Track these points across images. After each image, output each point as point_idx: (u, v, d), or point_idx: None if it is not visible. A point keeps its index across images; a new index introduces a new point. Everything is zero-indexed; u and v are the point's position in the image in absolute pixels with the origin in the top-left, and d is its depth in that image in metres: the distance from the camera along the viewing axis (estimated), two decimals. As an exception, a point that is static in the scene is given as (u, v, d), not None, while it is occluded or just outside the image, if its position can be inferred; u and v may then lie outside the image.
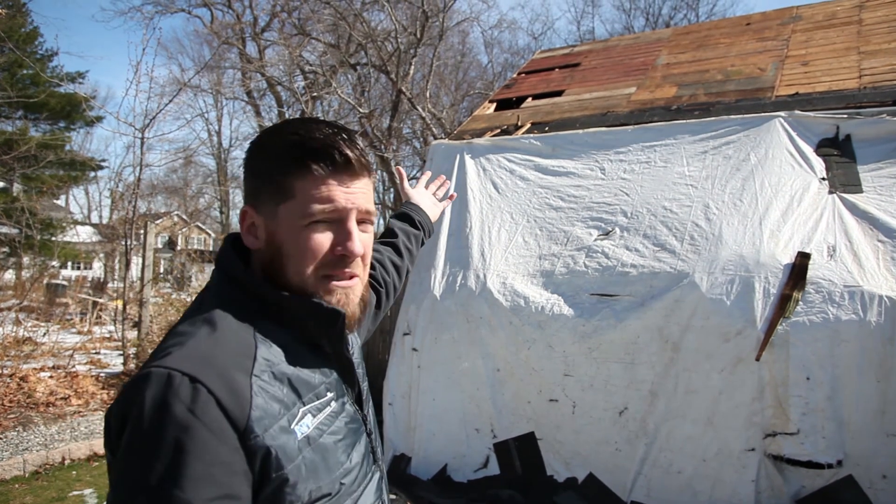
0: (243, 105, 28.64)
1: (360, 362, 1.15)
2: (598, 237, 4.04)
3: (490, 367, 4.01)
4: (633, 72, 6.01)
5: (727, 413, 3.31)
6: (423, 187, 1.88)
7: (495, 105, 6.44)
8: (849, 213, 3.50)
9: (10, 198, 15.49)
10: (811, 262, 3.29)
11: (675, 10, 26.56)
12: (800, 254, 3.34)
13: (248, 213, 1.00)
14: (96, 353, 9.21)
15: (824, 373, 3.11)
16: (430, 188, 1.91)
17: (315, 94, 18.12)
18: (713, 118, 4.41)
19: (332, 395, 0.99)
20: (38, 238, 15.06)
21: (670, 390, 3.46)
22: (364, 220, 1.01)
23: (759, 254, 3.44)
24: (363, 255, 1.00)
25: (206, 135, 34.33)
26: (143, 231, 8.60)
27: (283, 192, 0.96)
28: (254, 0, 23.18)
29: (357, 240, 0.96)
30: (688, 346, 3.43)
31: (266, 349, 0.92)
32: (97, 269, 24.74)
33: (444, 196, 1.97)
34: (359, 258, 0.99)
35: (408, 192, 1.82)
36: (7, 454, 4.84)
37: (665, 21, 25.80)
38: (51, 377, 6.80)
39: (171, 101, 10.49)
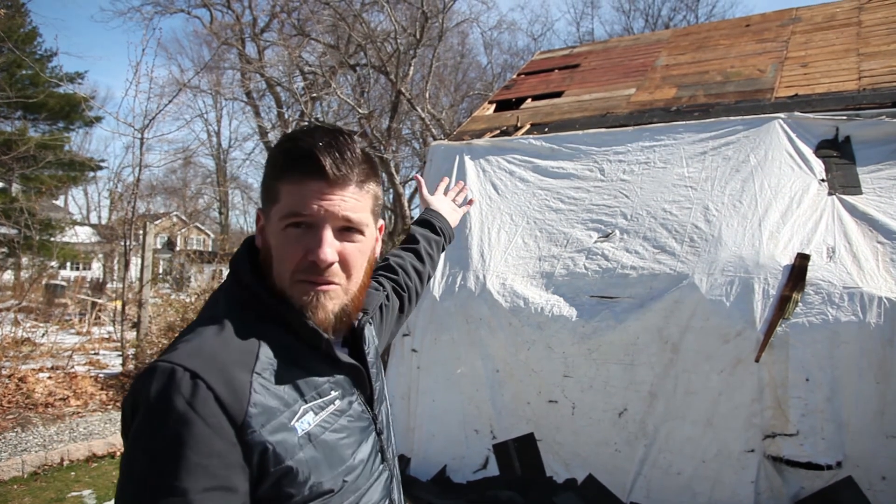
0: (243, 106, 28.62)
1: (374, 362, 1.16)
2: (597, 239, 4.04)
3: (489, 368, 4.01)
4: (633, 73, 6.02)
5: (727, 414, 3.31)
6: (442, 194, 1.90)
7: (495, 106, 6.44)
8: (848, 215, 3.51)
9: (9, 198, 15.48)
10: (810, 263, 3.29)
11: (675, 11, 26.61)
12: (799, 255, 3.35)
13: (258, 216, 1.06)
14: (95, 354, 9.20)
15: (824, 374, 3.11)
16: (448, 195, 1.92)
17: (314, 94, 18.13)
18: (713, 119, 4.41)
19: (336, 393, 1.01)
20: (37, 238, 15.05)
21: (670, 391, 3.46)
22: (349, 229, 1.00)
23: (759, 255, 3.44)
24: (343, 263, 0.99)
25: (206, 135, 34.38)
26: (142, 232, 8.60)
27: (273, 196, 1.00)
28: (253, 1, 23.19)
29: (327, 247, 0.96)
30: (687, 348, 3.43)
31: (269, 348, 0.95)
32: (96, 270, 24.73)
33: (464, 202, 1.98)
34: (335, 266, 0.98)
35: (427, 198, 1.84)
36: (6, 455, 4.83)
37: (664, 22, 25.84)
38: (49, 378, 6.80)
39: (170, 101, 10.47)
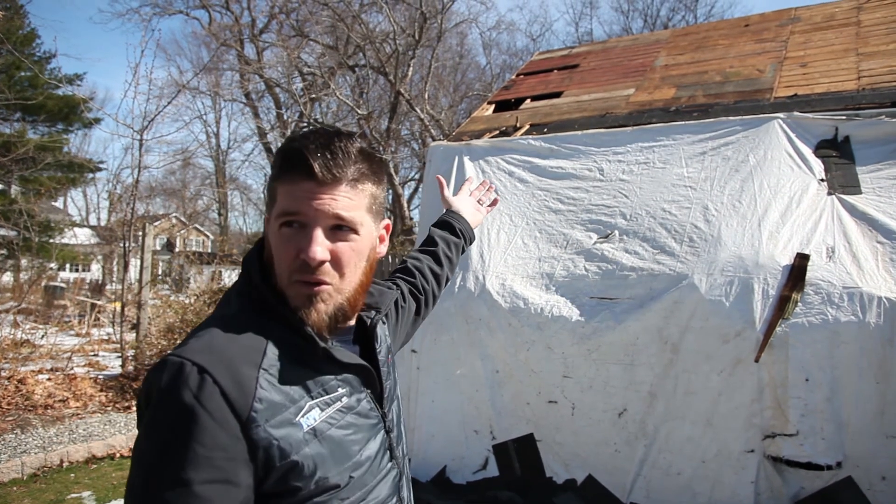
0: (242, 107, 28.67)
1: (385, 361, 1.17)
2: (597, 240, 4.04)
3: (489, 368, 4.01)
4: (632, 73, 6.02)
5: (726, 414, 3.31)
6: (466, 194, 1.89)
7: (494, 106, 6.44)
8: (848, 215, 3.50)
9: (9, 200, 15.48)
10: (810, 263, 3.29)
11: (674, 11, 26.64)
12: (799, 255, 3.35)
13: (266, 217, 1.08)
14: (94, 356, 9.20)
15: (823, 374, 3.11)
16: (473, 194, 1.91)
17: (313, 95, 18.13)
18: (712, 119, 4.41)
19: (344, 390, 1.03)
20: (37, 240, 15.03)
21: (669, 391, 3.46)
22: (341, 227, 1.00)
23: (758, 255, 3.44)
24: (336, 262, 1.00)
25: (205, 137, 34.39)
26: (141, 233, 8.59)
27: (272, 197, 1.03)
28: (252, 2, 23.21)
29: (316, 246, 0.96)
30: (687, 348, 3.43)
31: (277, 345, 0.97)
32: (95, 272, 24.71)
33: (488, 202, 1.96)
34: (327, 265, 0.99)
35: (449, 199, 1.83)
36: (5, 457, 4.82)
37: (663, 22, 25.86)
38: (49, 379, 6.79)
39: (169, 102, 10.47)
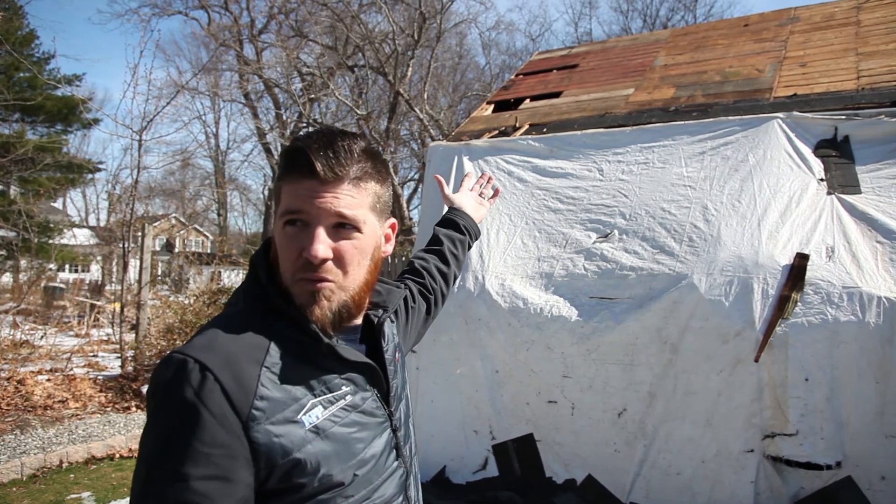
0: (241, 107, 28.68)
1: (392, 360, 1.17)
2: (596, 240, 4.04)
3: (489, 368, 4.01)
4: (631, 73, 6.02)
5: (726, 414, 3.31)
6: (467, 190, 1.89)
7: (493, 106, 6.44)
8: (847, 214, 3.50)
9: (8, 201, 15.45)
10: (810, 263, 3.29)
11: (673, 11, 26.65)
12: (798, 255, 3.34)
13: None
14: (94, 356, 9.19)
15: (823, 374, 3.11)
16: (474, 189, 1.92)
17: (312, 96, 18.13)
18: (711, 119, 4.41)
19: (348, 388, 1.03)
20: (36, 241, 15.02)
21: (669, 391, 3.46)
22: (343, 226, 1.01)
23: (758, 255, 3.44)
24: (339, 260, 1.00)
25: (204, 137, 34.36)
26: (140, 233, 8.58)
27: (277, 197, 1.04)
28: (251, 2, 23.21)
29: (318, 244, 0.97)
30: (687, 348, 3.43)
31: (281, 343, 0.98)
32: (95, 272, 24.70)
33: (490, 195, 1.97)
34: (330, 263, 0.99)
35: (450, 197, 1.84)
36: (4, 458, 4.82)
37: (663, 22, 25.87)
38: (48, 380, 6.78)
39: (168, 103, 10.47)
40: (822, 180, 3.74)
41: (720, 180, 3.97)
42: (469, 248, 1.78)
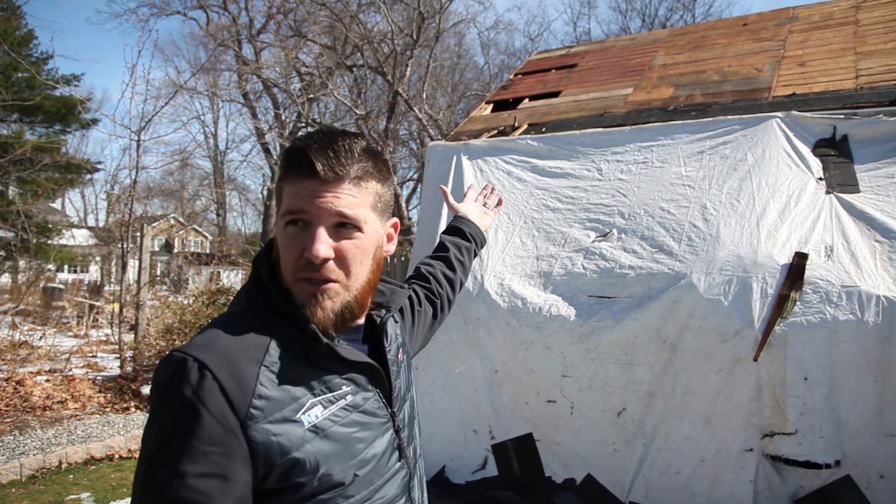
0: (239, 107, 28.65)
1: (395, 360, 1.17)
2: (595, 239, 4.04)
3: (488, 368, 4.01)
4: (630, 73, 6.02)
5: (725, 413, 3.31)
6: (472, 200, 1.94)
7: (492, 106, 6.44)
8: (846, 213, 3.51)
9: (6, 201, 15.44)
10: (808, 262, 3.30)
11: (672, 11, 26.67)
12: (797, 254, 3.35)
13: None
14: (93, 357, 9.18)
15: (822, 373, 3.11)
16: (478, 199, 1.97)
17: (311, 95, 18.12)
18: (710, 118, 4.41)
19: (349, 388, 1.03)
20: (34, 241, 14.98)
21: (668, 391, 3.46)
22: (345, 225, 1.01)
23: (757, 254, 3.45)
24: (341, 260, 1.01)
25: (203, 137, 34.31)
26: (139, 234, 8.57)
27: (279, 197, 1.05)
28: (249, 2, 23.20)
29: (320, 244, 0.97)
30: (686, 347, 3.43)
31: (281, 343, 0.98)
32: (93, 273, 24.66)
33: (494, 204, 2.01)
34: (332, 263, 1.00)
35: (455, 206, 1.88)
36: (3, 458, 4.81)
37: (661, 22, 25.88)
38: (47, 381, 6.77)
39: (166, 103, 10.45)
40: (820, 179, 3.75)
41: (719, 179, 3.97)
42: (475, 255, 1.80)
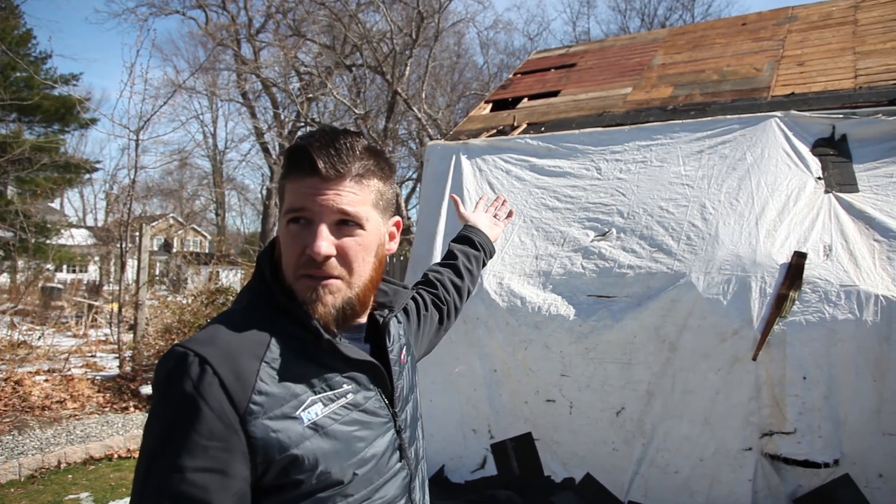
0: (238, 107, 28.60)
1: (397, 360, 1.18)
2: (594, 238, 4.04)
3: (487, 367, 4.01)
4: (629, 72, 6.02)
5: (724, 413, 3.32)
6: (482, 210, 1.97)
7: (491, 106, 6.44)
8: (845, 213, 3.51)
9: (5, 201, 15.43)
10: (807, 261, 3.30)
11: (671, 10, 26.67)
12: (796, 253, 3.35)
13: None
14: (92, 357, 9.16)
15: (821, 372, 3.11)
16: (489, 210, 1.99)
17: (310, 95, 18.11)
18: (709, 118, 4.42)
19: (350, 387, 1.04)
20: (33, 241, 14.96)
21: (667, 390, 3.46)
22: (346, 223, 1.01)
23: (756, 253, 3.45)
24: (343, 257, 1.01)
25: (202, 137, 34.25)
26: (138, 233, 8.56)
27: (282, 196, 1.05)
28: (248, 1, 23.18)
29: (322, 241, 0.98)
30: (685, 346, 3.43)
31: (282, 339, 0.98)
32: (92, 272, 24.64)
33: (504, 215, 2.03)
34: (334, 260, 1.00)
35: (465, 215, 1.91)
36: (2, 458, 4.81)
37: (660, 22, 25.89)
38: (46, 381, 6.77)
39: (165, 102, 10.45)
40: (819, 179, 3.75)
41: (718, 179, 3.97)
42: (484, 264, 1.81)
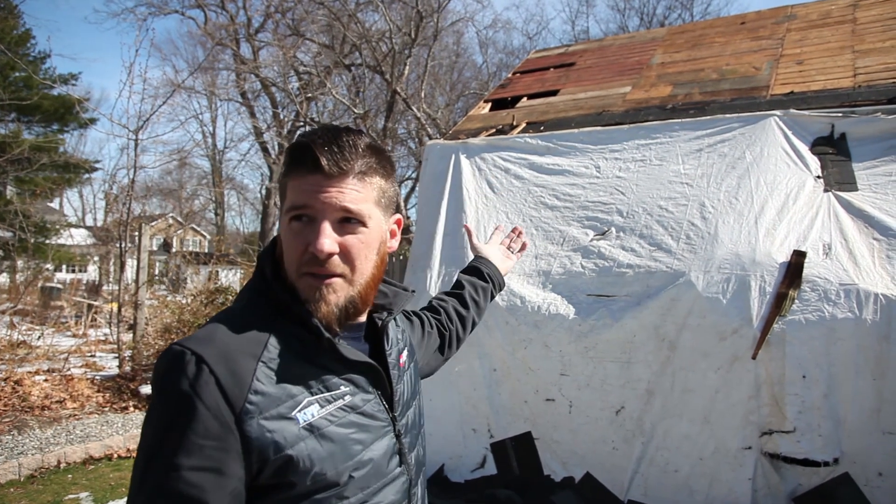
0: (238, 106, 28.61)
1: (396, 363, 1.17)
2: (594, 237, 4.04)
3: (487, 367, 4.01)
4: (628, 71, 6.02)
5: (724, 411, 3.32)
6: (497, 242, 1.94)
7: (490, 105, 6.44)
8: (844, 212, 3.51)
9: (4, 201, 15.42)
10: (807, 260, 3.30)
11: (670, 9, 26.66)
12: (795, 252, 3.35)
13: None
14: (91, 356, 9.16)
15: (820, 371, 3.11)
16: (504, 242, 1.96)
17: (310, 94, 18.10)
18: (708, 117, 4.42)
19: (347, 389, 1.03)
20: (32, 241, 14.96)
21: (667, 389, 3.46)
22: (349, 220, 1.01)
23: (755, 252, 3.45)
24: (345, 255, 1.01)
25: (201, 136, 34.23)
26: (137, 233, 8.56)
27: (283, 194, 1.05)
28: (247, 1, 23.16)
29: (324, 238, 0.97)
30: (684, 345, 3.43)
31: (280, 339, 0.98)
32: (92, 272, 24.64)
33: (518, 248, 1.99)
34: (336, 258, 1.00)
35: (477, 246, 1.88)
36: (2, 458, 4.81)
37: (659, 20, 25.88)
38: (46, 381, 6.76)
39: (164, 102, 10.48)
40: (818, 177, 3.75)
41: (717, 178, 3.97)
42: (492, 297, 1.81)
